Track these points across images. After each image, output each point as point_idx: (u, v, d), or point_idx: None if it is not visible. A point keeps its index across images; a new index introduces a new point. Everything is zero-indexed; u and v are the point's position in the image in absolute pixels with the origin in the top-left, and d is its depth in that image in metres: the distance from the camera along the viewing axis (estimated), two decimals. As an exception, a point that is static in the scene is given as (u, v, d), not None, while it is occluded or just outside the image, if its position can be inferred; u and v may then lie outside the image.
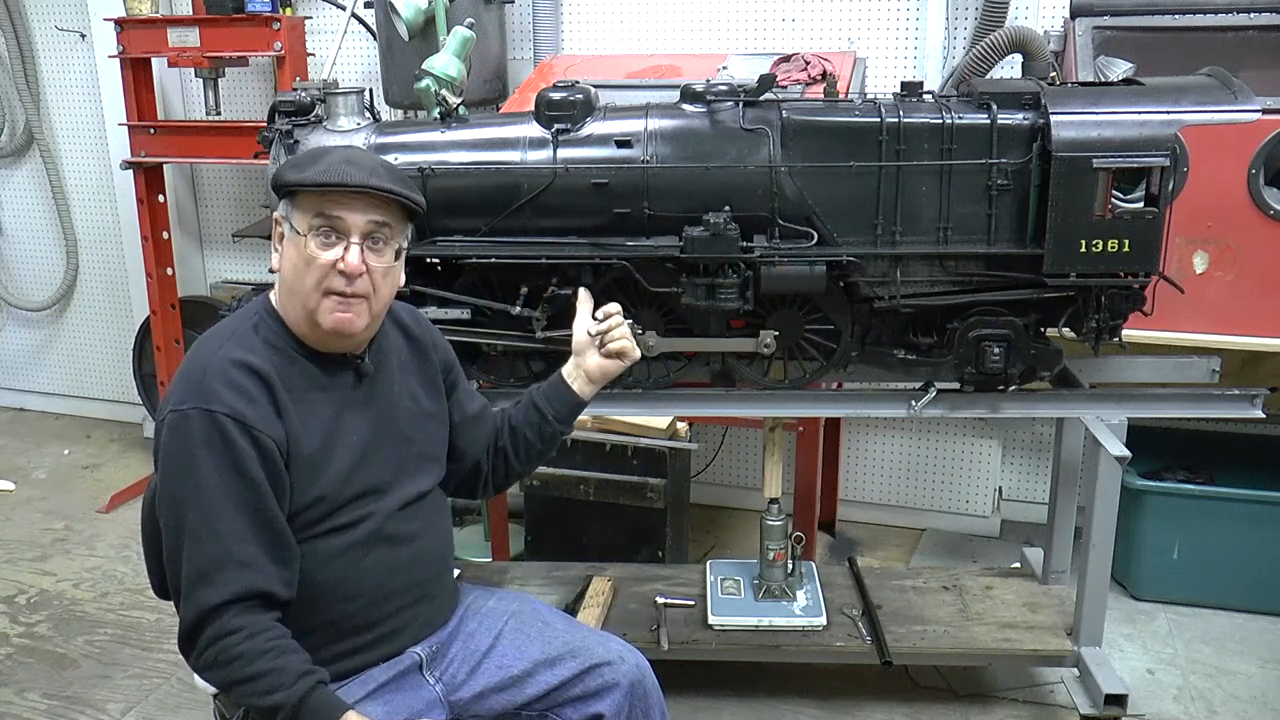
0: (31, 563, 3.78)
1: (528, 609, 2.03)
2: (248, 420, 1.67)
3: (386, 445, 1.86)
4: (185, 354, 1.81)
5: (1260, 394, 2.53)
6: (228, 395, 1.67)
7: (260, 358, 1.74)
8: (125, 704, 3.00)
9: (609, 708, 1.88)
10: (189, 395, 1.68)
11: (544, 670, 1.91)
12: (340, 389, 1.83)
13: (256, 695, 1.61)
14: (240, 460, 1.66)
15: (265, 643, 1.63)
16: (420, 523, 1.91)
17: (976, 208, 2.36)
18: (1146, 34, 3.10)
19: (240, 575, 1.64)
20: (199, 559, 1.64)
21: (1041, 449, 3.83)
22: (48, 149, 4.70)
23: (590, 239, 2.44)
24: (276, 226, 1.80)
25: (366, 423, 1.84)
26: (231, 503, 1.65)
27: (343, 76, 4.05)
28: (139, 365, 4.61)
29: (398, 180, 1.78)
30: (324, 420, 1.78)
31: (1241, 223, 2.77)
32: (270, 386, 1.72)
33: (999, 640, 2.76)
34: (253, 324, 1.80)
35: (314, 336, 1.79)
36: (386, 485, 1.85)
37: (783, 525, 2.83)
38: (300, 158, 1.82)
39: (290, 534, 1.72)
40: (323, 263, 1.72)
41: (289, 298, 1.78)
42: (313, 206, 1.73)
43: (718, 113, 2.42)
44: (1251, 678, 3.02)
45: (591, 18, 3.87)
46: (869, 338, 2.55)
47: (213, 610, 1.62)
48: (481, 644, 1.95)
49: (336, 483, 1.78)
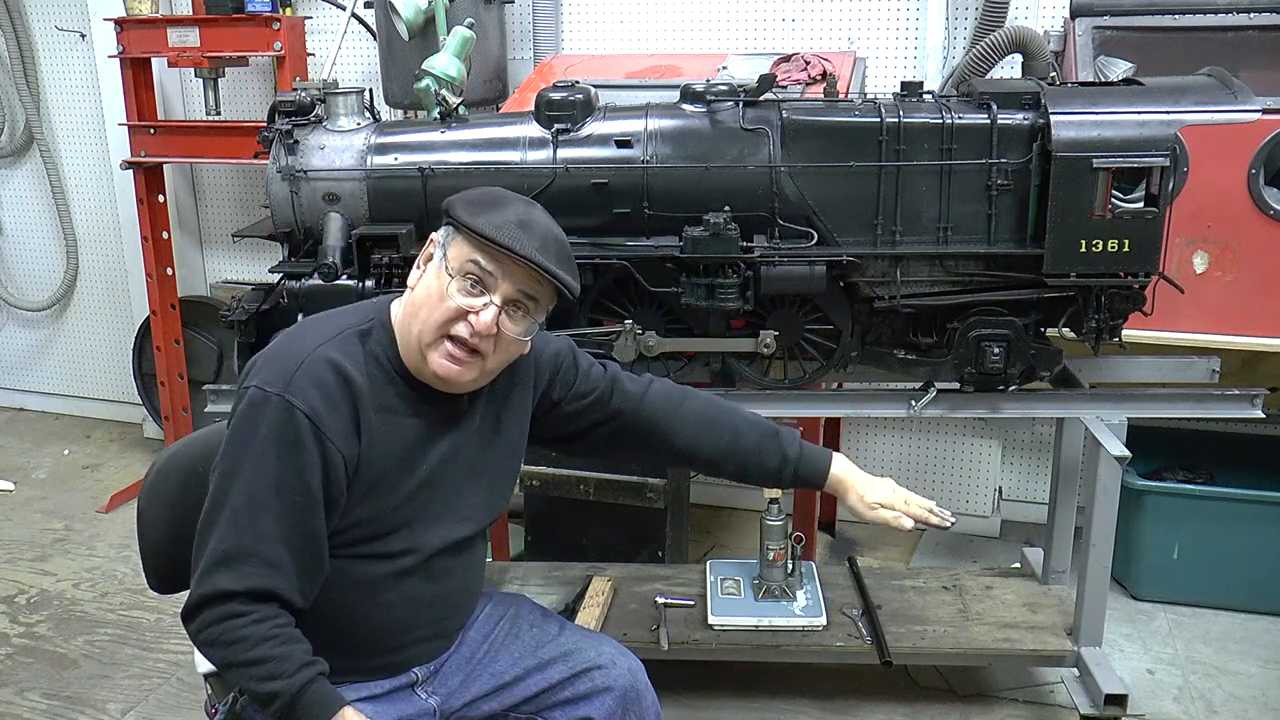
0: (31, 563, 3.78)
1: (523, 612, 2.02)
2: (324, 427, 1.63)
3: (452, 478, 1.80)
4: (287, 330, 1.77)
5: (1260, 394, 2.53)
6: (314, 396, 1.63)
7: (358, 368, 1.69)
8: (125, 704, 3.00)
9: (599, 711, 1.86)
10: (276, 379, 1.64)
11: (535, 674, 1.90)
12: (429, 419, 1.77)
13: (256, 680, 1.59)
14: (303, 465, 1.62)
15: (270, 629, 1.61)
16: (457, 564, 1.86)
17: (976, 208, 2.36)
18: (1146, 34, 3.10)
19: (262, 573, 1.62)
20: (230, 541, 1.62)
21: (1041, 449, 3.83)
22: (48, 149, 4.70)
23: (590, 239, 2.44)
24: (429, 246, 1.74)
25: (440, 453, 1.78)
26: (280, 501, 1.62)
27: (343, 76, 4.05)
28: (139, 365, 4.61)
29: (562, 260, 1.71)
30: (403, 446, 1.73)
31: (1241, 223, 2.77)
32: (357, 400, 1.67)
33: (999, 640, 2.76)
34: (364, 329, 1.74)
35: (417, 367, 1.73)
36: (437, 518, 1.79)
37: (783, 525, 2.82)
38: (479, 196, 1.72)
39: (325, 552, 1.68)
40: (457, 306, 1.67)
41: (410, 320, 1.71)
42: (471, 251, 1.68)
43: (718, 113, 2.42)
44: (1251, 678, 3.02)
45: (591, 18, 3.87)
46: (869, 338, 2.55)
47: (223, 595, 1.61)
48: (477, 652, 1.93)
49: (394, 510, 1.74)
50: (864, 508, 1.98)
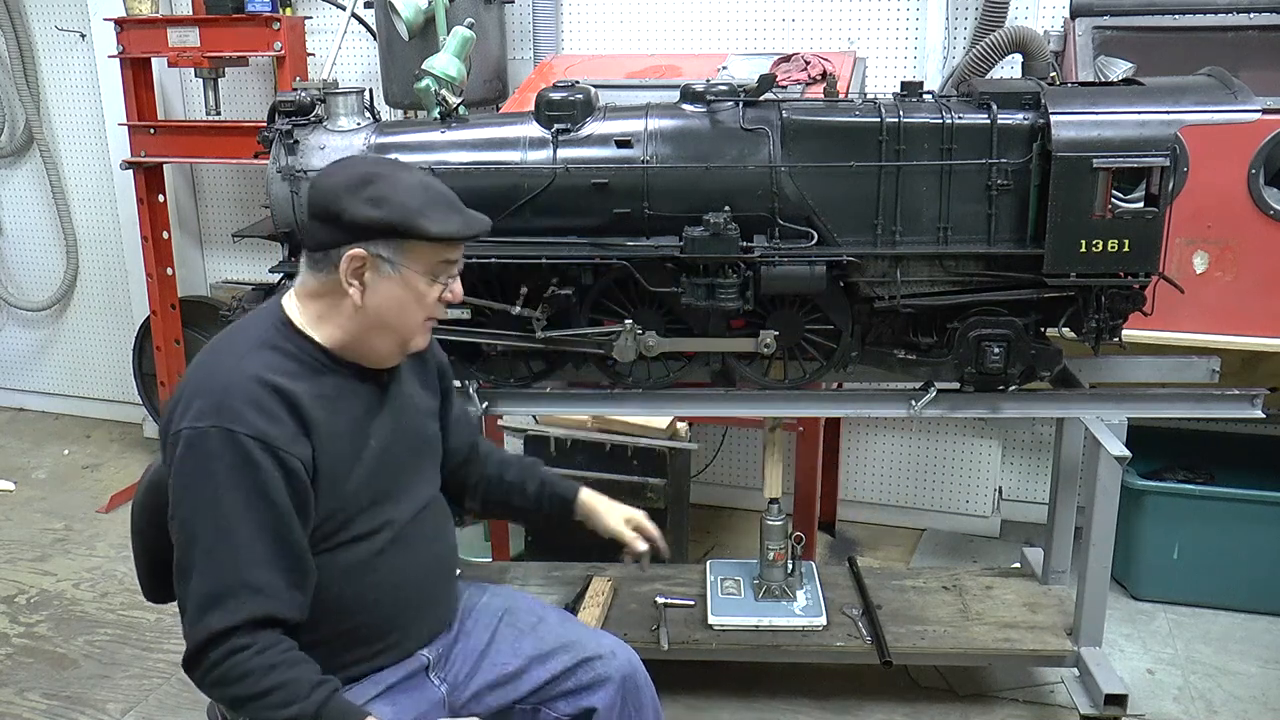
0: (31, 563, 3.78)
1: (521, 605, 2.05)
2: (273, 442, 1.63)
3: (401, 446, 1.86)
4: (192, 364, 1.76)
5: (1260, 394, 2.53)
6: (252, 416, 1.62)
7: (285, 375, 1.70)
8: (125, 704, 3.00)
9: (602, 701, 1.89)
10: (208, 413, 1.62)
11: (536, 665, 1.92)
12: (365, 396, 1.81)
13: (271, 709, 1.59)
14: (264, 483, 1.62)
15: (275, 656, 1.61)
16: (431, 527, 1.91)
17: (976, 208, 2.36)
18: (1146, 34, 3.10)
19: (252, 600, 1.61)
20: (211, 581, 1.61)
21: (1041, 449, 3.83)
22: (48, 149, 4.70)
23: (590, 239, 2.44)
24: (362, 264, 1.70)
25: (385, 426, 1.83)
26: (250, 526, 1.62)
27: (343, 76, 4.05)
28: (139, 365, 4.61)
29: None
30: (349, 429, 1.76)
31: (1241, 223, 2.77)
32: (295, 404, 1.68)
33: (999, 640, 2.76)
34: (269, 339, 1.74)
35: (369, 356, 1.79)
36: (401, 490, 1.85)
37: (783, 525, 2.82)
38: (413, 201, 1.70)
39: (309, 557, 1.69)
40: (436, 298, 1.77)
41: (377, 330, 1.76)
42: (440, 253, 1.74)
43: (718, 113, 2.42)
44: (1251, 678, 3.02)
45: (591, 18, 3.87)
46: (869, 338, 2.55)
47: (220, 635, 1.60)
48: (479, 642, 1.96)
49: (357, 491, 1.76)
50: (616, 522, 2.13)
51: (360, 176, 1.71)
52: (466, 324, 2.51)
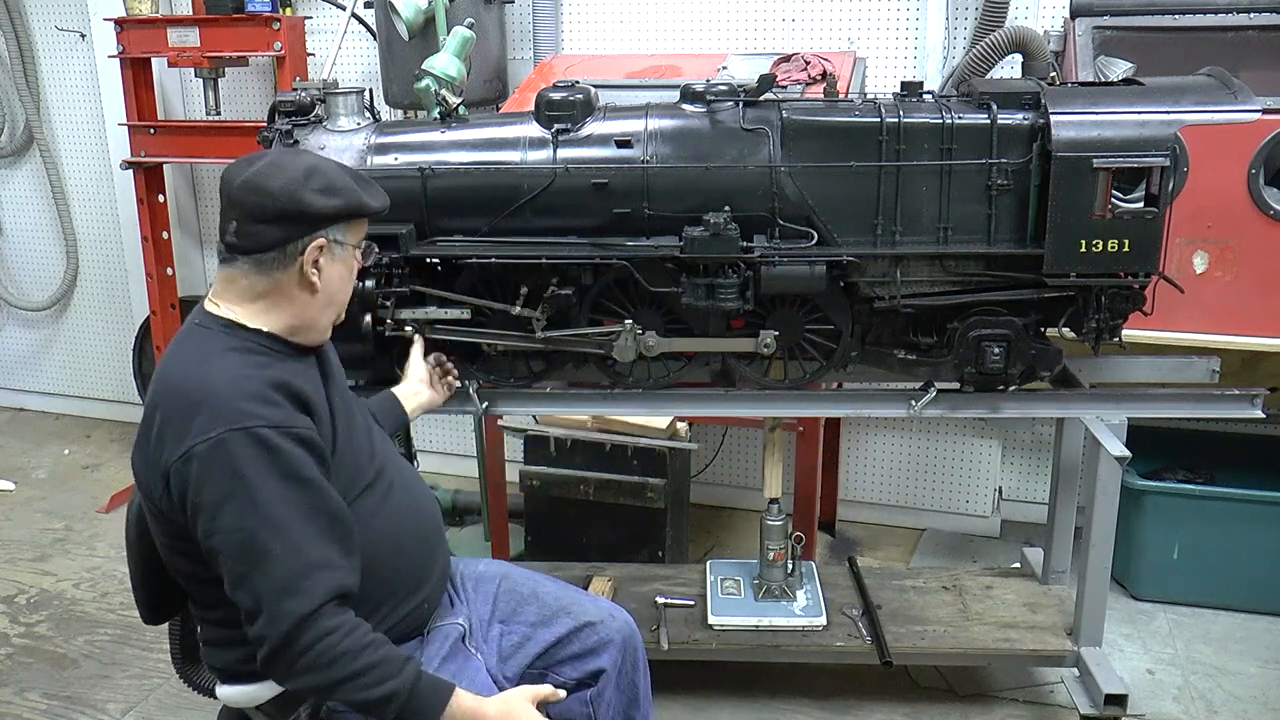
0: (31, 563, 3.78)
1: (515, 572, 2.14)
2: (284, 424, 1.66)
3: (351, 405, 1.96)
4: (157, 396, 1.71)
5: (1260, 394, 2.53)
6: (255, 408, 1.65)
7: (259, 367, 1.73)
8: (125, 704, 3.00)
9: (608, 662, 1.99)
10: (212, 422, 1.63)
11: (541, 630, 2.02)
12: (315, 368, 1.88)
13: (367, 688, 1.62)
14: (292, 465, 1.65)
15: (364, 637, 1.65)
16: (406, 470, 2.01)
17: (976, 208, 2.36)
18: (1146, 34, 3.10)
19: (323, 577, 1.64)
20: (278, 575, 1.62)
21: (1041, 449, 3.83)
22: (48, 149, 4.70)
23: (590, 239, 2.44)
24: (317, 252, 1.77)
25: (336, 392, 1.90)
26: (295, 510, 1.64)
27: (343, 76, 4.05)
28: (139, 365, 4.61)
29: None
30: (321, 398, 1.81)
31: (1241, 223, 2.77)
32: (284, 385, 1.71)
33: (999, 640, 2.76)
34: (226, 344, 1.75)
35: (313, 334, 1.85)
36: (369, 441, 1.94)
37: (783, 525, 2.83)
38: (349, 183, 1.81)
39: (350, 518, 1.73)
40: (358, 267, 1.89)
41: (327, 310, 1.84)
42: (360, 227, 1.87)
43: (718, 113, 2.42)
44: (1251, 678, 3.02)
45: (591, 18, 3.87)
46: (869, 338, 2.54)
47: (307, 618, 1.61)
48: (483, 611, 2.04)
49: (355, 448, 1.86)
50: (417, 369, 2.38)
51: (303, 170, 1.76)
52: (466, 324, 2.51)
